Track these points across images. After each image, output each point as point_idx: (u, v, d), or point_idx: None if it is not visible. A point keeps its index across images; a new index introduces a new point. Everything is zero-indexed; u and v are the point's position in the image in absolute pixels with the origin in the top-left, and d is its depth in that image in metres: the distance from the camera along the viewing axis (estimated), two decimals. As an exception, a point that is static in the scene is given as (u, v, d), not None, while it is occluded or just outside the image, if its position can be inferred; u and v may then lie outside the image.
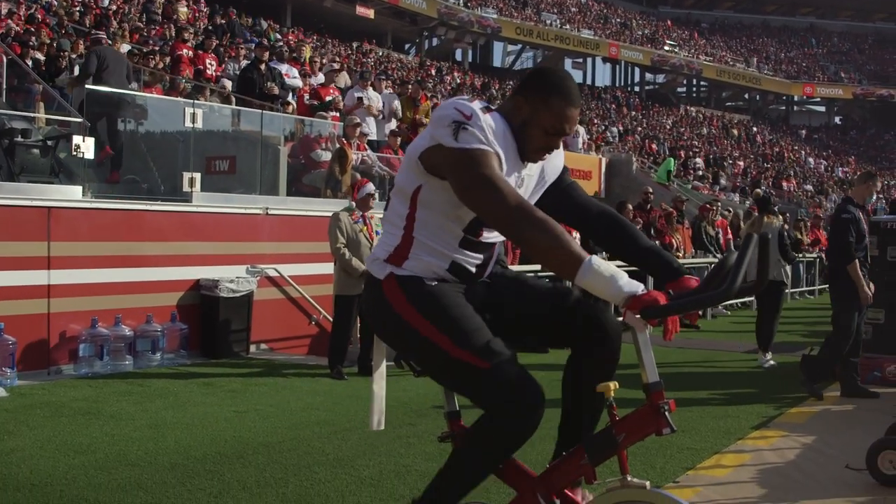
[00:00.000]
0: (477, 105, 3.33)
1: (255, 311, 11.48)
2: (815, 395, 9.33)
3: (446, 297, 3.40)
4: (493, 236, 3.50)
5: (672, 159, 29.46)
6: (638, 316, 3.09)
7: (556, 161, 3.68)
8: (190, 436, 7.14)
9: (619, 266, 3.23)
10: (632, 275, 3.16)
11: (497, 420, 3.26)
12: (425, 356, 3.45)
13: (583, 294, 3.29)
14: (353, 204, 10.37)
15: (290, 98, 17.05)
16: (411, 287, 3.42)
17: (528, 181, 3.54)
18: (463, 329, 3.32)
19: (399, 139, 16.44)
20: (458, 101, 3.34)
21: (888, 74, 74.17)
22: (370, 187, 10.43)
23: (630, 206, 16.86)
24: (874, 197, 10.05)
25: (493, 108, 3.42)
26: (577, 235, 9.07)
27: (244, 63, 18.58)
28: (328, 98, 17.00)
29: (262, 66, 16.85)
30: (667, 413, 3.21)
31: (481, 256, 3.54)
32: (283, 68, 17.89)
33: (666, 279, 3.47)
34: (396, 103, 18.16)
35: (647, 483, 3.28)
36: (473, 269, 3.53)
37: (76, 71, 15.68)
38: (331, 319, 11.01)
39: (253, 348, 11.61)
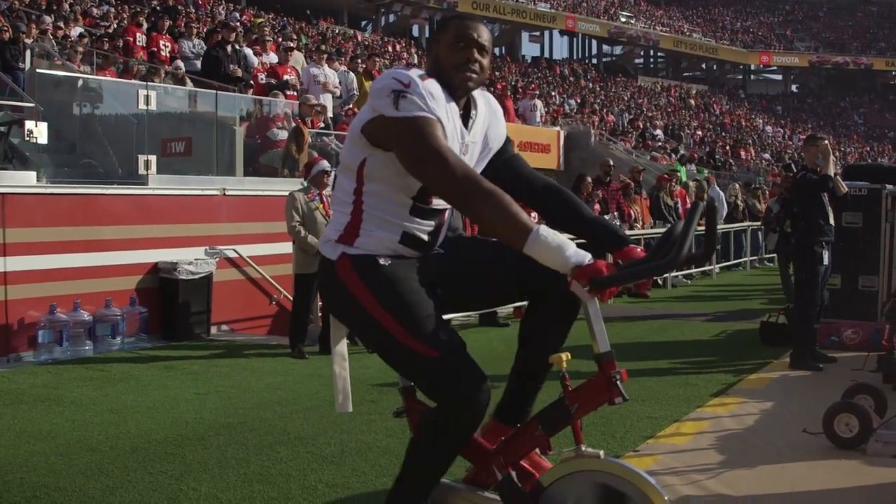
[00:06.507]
0: (415, 73, 3.34)
1: (215, 292, 11.43)
2: (815, 368, 9.31)
3: (400, 283, 3.39)
4: (442, 203, 3.50)
5: (683, 168, 28.51)
6: (587, 288, 3.11)
7: (499, 129, 3.71)
8: (151, 419, 7.12)
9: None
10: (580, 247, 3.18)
11: (443, 411, 3.31)
12: (376, 339, 3.47)
13: None
14: (307, 183, 10.35)
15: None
16: (365, 268, 3.42)
17: (472, 148, 3.56)
18: (414, 316, 3.32)
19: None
20: (395, 71, 3.37)
21: (843, 42, 74.69)
22: (323, 164, 10.39)
23: (589, 179, 16.85)
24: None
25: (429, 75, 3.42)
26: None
27: (196, 41, 18.41)
28: (286, 77, 16.92)
29: (229, 48, 16.77)
30: (619, 382, 3.24)
31: (433, 223, 3.54)
32: (249, 52, 17.84)
33: (612, 248, 3.50)
34: (352, 80, 18.13)
35: (601, 452, 3.32)
36: (426, 238, 3.53)
37: (28, 56, 15.52)
38: (291, 299, 11.00)
39: (214, 330, 11.56)
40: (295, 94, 16.39)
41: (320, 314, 10.74)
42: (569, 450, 3.36)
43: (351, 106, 17.67)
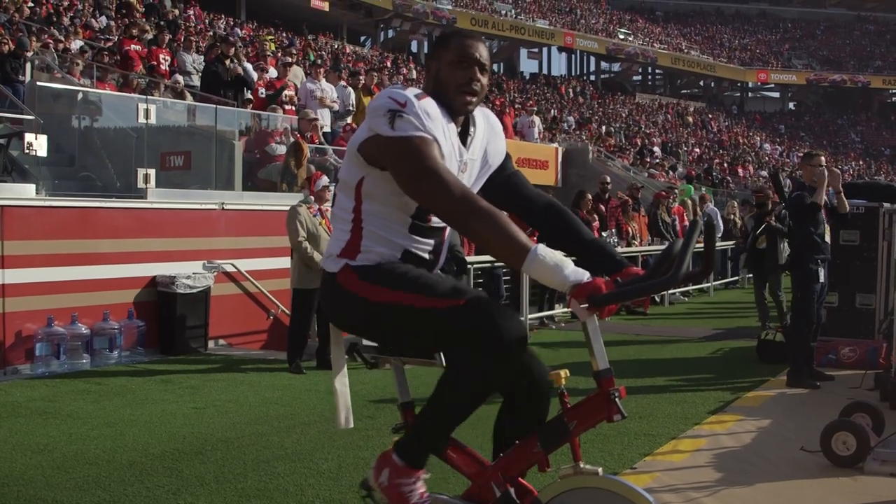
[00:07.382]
0: (411, 92, 3.34)
1: (213, 306, 11.42)
2: (813, 386, 9.29)
3: (402, 266, 3.41)
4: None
5: (690, 186, 28.58)
6: (585, 306, 3.11)
7: (499, 145, 3.71)
8: (148, 433, 7.12)
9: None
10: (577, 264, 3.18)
11: (484, 351, 3.17)
12: (401, 325, 3.38)
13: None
14: (311, 197, 10.35)
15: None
16: (368, 271, 3.42)
17: (471, 165, 3.56)
18: (428, 283, 3.33)
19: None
20: (391, 90, 3.36)
21: (840, 60, 74.82)
22: (325, 179, 10.40)
23: (589, 196, 16.87)
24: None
25: (426, 94, 3.41)
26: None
27: (195, 56, 18.47)
28: (281, 87, 16.94)
29: (228, 62, 16.81)
30: (617, 400, 3.24)
31: (432, 242, 3.54)
32: (249, 66, 17.89)
33: (610, 272, 3.49)
34: (351, 95, 18.16)
35: (600, 469, 3.31)
36: (427, 256, 3.53)
37: (28, 69, 15.56)
38: (288, 314, 10.99)
39: (211, 344, 11.55)
40: (293, 108, 16.40)
41: (317, 329, 10.72)
42: (567, 467, 3.35)
43: (349, 121, 17.69)
